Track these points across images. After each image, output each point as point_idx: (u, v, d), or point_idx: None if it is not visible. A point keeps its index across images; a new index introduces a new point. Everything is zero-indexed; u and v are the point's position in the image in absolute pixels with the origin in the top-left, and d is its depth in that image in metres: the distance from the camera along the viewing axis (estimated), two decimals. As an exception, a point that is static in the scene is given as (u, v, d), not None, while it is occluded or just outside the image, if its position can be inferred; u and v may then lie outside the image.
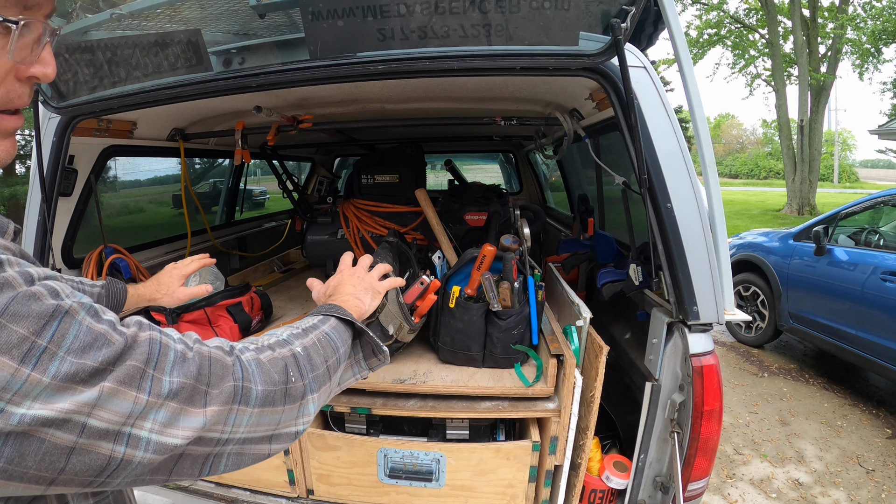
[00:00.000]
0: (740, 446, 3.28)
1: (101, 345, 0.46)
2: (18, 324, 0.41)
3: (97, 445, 0.45)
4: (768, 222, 13.03)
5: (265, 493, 1.60)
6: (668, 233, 1.28)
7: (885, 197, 3.93)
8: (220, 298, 1.76)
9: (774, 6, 14.76)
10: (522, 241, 1.75)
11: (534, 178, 4.37)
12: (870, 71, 16.79)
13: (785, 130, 14.93)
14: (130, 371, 0.47)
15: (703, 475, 1.35)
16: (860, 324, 3.59)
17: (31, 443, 0.42)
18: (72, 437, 0.43)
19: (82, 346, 0.45)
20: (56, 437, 0.43)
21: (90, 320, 0.47)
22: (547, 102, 2.00)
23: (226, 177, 3.59)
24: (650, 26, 1.55)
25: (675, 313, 1.33)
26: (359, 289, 0.96)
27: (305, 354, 0.65)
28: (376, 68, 1.27)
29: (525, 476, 1.45)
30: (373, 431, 1.61)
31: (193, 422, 0.51)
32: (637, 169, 1.28)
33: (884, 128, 13.35)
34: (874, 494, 2.80)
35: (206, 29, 1.30)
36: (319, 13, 1.15)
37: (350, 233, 2.62)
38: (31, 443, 0.42)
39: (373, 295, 0.98)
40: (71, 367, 0.43)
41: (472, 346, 1.60)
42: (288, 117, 2.04)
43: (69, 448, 0.43)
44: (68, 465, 0.44)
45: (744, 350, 4.85)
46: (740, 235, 5.25)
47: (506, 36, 1.15)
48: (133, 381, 0.47)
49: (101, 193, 2.11)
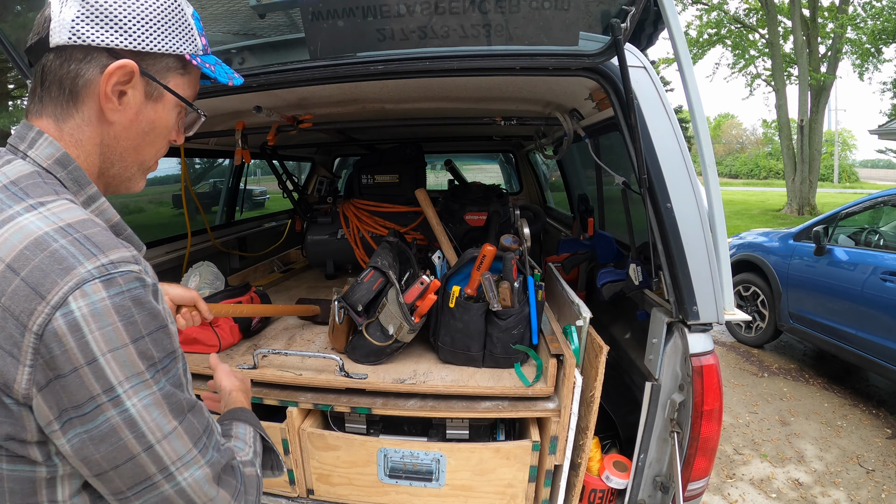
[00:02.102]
0: (740, 446, 3.28)
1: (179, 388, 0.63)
2: (156, 347, 0.59)
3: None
4: (768, 222, 13.02)
5: (265, 493, 1.60)
6: (668, 233, 1.28)
7: (885, 197, 3.92)
8: (220, 298, 1.76)
9: (774, 6, 14.76)
10: (522, 241, 1.75)
11: (534, 178, 4.37)
12: (870, 71, 16.77)
13: (785, 130, 14.92)
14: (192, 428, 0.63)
15: (703, 475, 1.35)
16: (860, 324, 3.59)
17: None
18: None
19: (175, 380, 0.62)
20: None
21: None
22: (547, 102, 2.00)
23: (226, 177, 3.59)
24: (650, 26, 1.55)
25: (674, 313, 1.33)
26: (238, 385, 1.05)
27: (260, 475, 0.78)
28: (376, 68, 1.27)
29: (525, 476, 1.45)
30: (373, 431, 1.61)
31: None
32: (637, 169, 1.28)
33: (884, 128, 13.36)
34: (874, 494, 2.80)
35: (206, 29, 1.29)
36: (319, 13, 1.15)
37: (350, 233, 2.62)
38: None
39: (244, 387, 1.07)
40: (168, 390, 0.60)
41: (472, 346, 1.60)
42: (288, 117, 2.04)
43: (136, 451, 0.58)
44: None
45: (744, 350, 4.85)
46: (740, 235, 5.25)
47: (506, 36, 1.15)
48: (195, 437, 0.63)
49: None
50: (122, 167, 0.72)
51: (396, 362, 1.67)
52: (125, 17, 0.65)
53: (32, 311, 0.53)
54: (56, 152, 0.65)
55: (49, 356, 0.53)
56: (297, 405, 1.51)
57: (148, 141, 0.72)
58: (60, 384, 0.53)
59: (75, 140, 0.67)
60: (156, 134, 0.73)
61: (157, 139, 0.74)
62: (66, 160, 0.65)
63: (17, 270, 0.54)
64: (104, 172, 0.71)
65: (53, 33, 0.63)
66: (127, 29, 0.65)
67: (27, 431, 0.55)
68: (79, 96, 0.65)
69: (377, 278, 1.66)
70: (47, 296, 0.53)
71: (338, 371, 1.53)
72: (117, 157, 0.71)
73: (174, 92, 0.71)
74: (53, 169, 0.64)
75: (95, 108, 0.66)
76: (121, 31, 0.65)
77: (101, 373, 0.54)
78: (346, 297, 1.65)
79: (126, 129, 0.69)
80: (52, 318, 0.52)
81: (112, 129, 0.68)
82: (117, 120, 0.68)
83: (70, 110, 0.66)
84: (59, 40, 0.63)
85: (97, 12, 0.63)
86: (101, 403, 0.54)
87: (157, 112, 0.71)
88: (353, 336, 1.69)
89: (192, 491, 0.60)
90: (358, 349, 1.64)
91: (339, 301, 1.64)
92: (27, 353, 0.53)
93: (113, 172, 0.72)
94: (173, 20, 0.69)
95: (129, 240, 0.69)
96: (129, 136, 0.70)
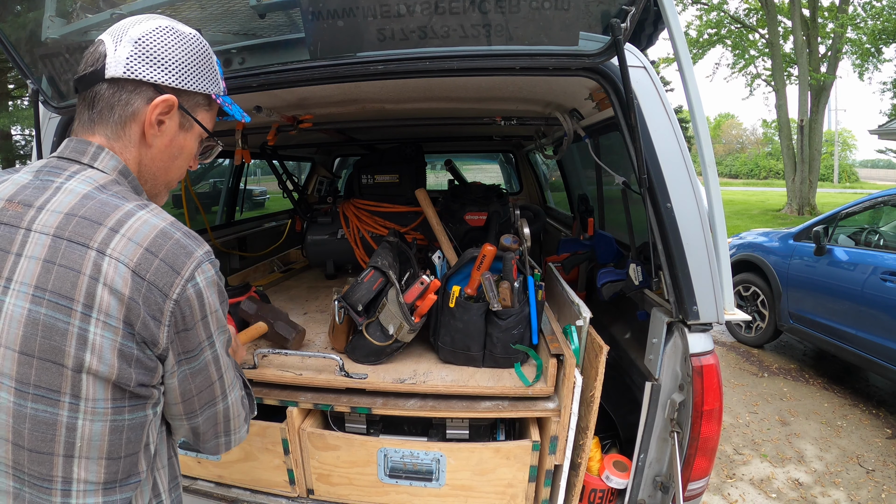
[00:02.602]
0: (740, 446, 3.28)
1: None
2: (224, 309, 0.80)
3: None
4: (768, 222, 13.02)
5: (265, 493, 1.60)
6: (667, 233, 1.28)
7: (885, 197, 3.92)
8: (221, 298, 1.76)
9: (774, 6, 14.75)
10: (522, 240, 1.75)
11: (534, 178, 4.37)
12: (870, 71, 16.78)
13: (785, 130, 14.92)
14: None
15: (702, 475, 1.35)
16: (860, 324, 3.58)
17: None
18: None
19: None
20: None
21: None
22: (547, 102, 2.00)
23: (226, 177, 3.59)
24: (650, 26, 1.55)
25: (674, 313, 1.33)
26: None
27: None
28: (376, 68, 1.27)
29: (525, 476, 1.45)
30: (373, 431, 1.61)
31: None
32: (637, 169, 1.28)
33: (884, 128, 13.35)
34: (874, 494, 2.80)
35: (206, 29, 1.29)
36: (319, 13, 1.15)
37: (350, 233, 2.62)
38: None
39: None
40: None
41: (472, 346, 1.60)
42: (288, 117, 2.04)
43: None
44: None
45: (744, 350, 4.85)
46: (740, 235, 5.25)
47: (506, 36, 1.15)
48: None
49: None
50: (154, 185, 0.85)
51: (396, 362, 1.67)
52: (169, 59, 0.78)
53: (172, 283, 0.69)
54: (119, 164, 0.77)
55: (181, 315, 0.71)
56: (297, 405, 1.51)
57: (176, 164, 0.86)
58: (185, 335, 0.72)
59: (123, 157, 0.79)
60: (182, 159, 0.87)
61: (182, 163, 0.87)
62: (127, 171, 0.78)
63: (155, 253, 0.69)
64: (138, 189, 0.83)
65: (109, 67, 0.76)
66: (170, 69, 0.78)
67: (155, 376, 0.71)
68: (127, 121, 0.78)
69: (377, 278, 1.66)
70: (182, 271, 0.70)
71: (338, 371, 1.53)
72: (150, 176, 0.83)
73: (201, 124, 0.85)
74: (119, 179, 0.77)
75: (139, 132, 0.79)
76: (165, 70, 0.78)
77: (207, 326, 0.75)
78: (346, 296, 1.65)
79: (161, 152, 0.82)
80: (185, 287, 0.70)
81: (150, 152, 0.81)
82: (155, 144, 0.81)
83: (119, 132, 0.78)
84: (115, 73, 0.76)
85: (147, 53, 0.77)
86: (203, 346, 0.75)
87: (186, 140, 0.85)
88: (353, 336, 1.70)
89: (233, 408, 0.85)
90: (358, 349, 1.64)
91: (339, 301, 1.64)
92: (167, 316, 0.69)
93: (146, 189, 0.84)
94: (205, 65, 0.84)
95: None
96: (163, 159, 0.83)
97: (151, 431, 0.74)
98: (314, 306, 2.25)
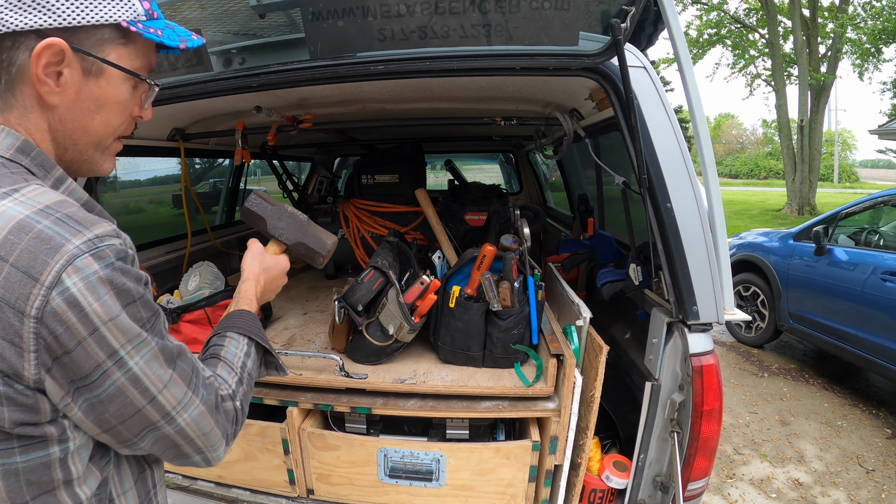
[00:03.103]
0: (740, 446, 3.28)
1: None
2: (145, 308, 0.61)
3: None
4: (768, 222, 13.02)
5: (265, 493, 1.60)
6: (667, 233, 1.28)
7: (885, 197, 3.92)
8: (220, 298, 1.76)
9: (774, 6, 14.75)
10: (522, 240, 1.75)
11: (534, 178, 4.37)
12: (870, 71, 16.79)
13: (785, 130, 14.92)
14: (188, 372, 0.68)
15: (702, 475, 1.35)
16: (860, 324, 3.59)
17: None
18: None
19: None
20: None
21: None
22: (547, 102, 2.00)
23: (226, 177, 3.59)
24: (650, 26, 1.55)
25: (674, 313, 1.33)
26: (257, 269, 1.05)
27: (242, 404, 0.80)
28: (376, 68, 1.27)
29: (525, 476, 1.45)
30: (373, 431, 1.61)
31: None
32: (637, 169, 1.28)
33: (884, 128, 13.35)
34: (874, 494, 2.80)
35: (206, 29, 1.30)
36: (319, 13, 1.15)
37: (350, 233, 2.62)
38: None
39: (269, 273, 1.06)
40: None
41: (472, 346, 1.60)
42: (288, 117, 2.04)
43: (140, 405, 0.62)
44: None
45: (744, 350, 4.85)
46: (740, 235, 5.25)
47: (506, 36, 1.15)
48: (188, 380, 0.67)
49: (102, 193, 2.11)
50: (77, 150, 0.70)
51: (396, 362, 1.67)
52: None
53: (28, 296, 0.53)
54: (16, 141, 0.64)
55: (52, 336, 0.54)
56: (297, 405, 1.51)
57: (99, 120, 0.69)
58: (67, 359, 0.55)
59: (24, 129, 0.65)
60: (106, 111, 0.69)
61: (109, 117, 0.70)
62: (28, 147, 0.64)
63: (4, 257, 0.53)
64: (60, 157, 0.69)
65: None
66: (50, 7, 0.62)
67: (41, 413, 0.57)
68: (15, 85, 0.64)
69: (377, 278, 1.66)
70: (40, 277, 0.53)
71: (338, 371, 1.53)
72: (68, 141, 0.69)
73: (114, 64, 0.67)
74: (17, 158, 0.63)
75: (33, 94, 0.64)
76: (43, 10, 0.62)
77: (104, 341, 0.56)
78: (346, 296, 1.65)
79: (69, 110, 0.67)
80: (48, 298, 0.53)
81: (56, 113, 0.66)
82: (58, 102, 0.66)
83: (10, 100, 0.64)
84: None
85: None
86: (106, 369, 0.57)
87: (102, 88, 0.68)
88: (353, 336, 1.70)
89: (190, 428, 0.67)
90: (358, 349, 1.64)
91: (339, 301, 1.64)
92: (29, 340, 0.53)
93: (69, 157, 0.70)
94: None
95: (101, 216, 0.68)
96: (75, 118, 0.67)
97: (72, 466, 0.61)
98: (314, 306, 2.25)
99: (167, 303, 1.75)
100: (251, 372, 0.85)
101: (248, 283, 1.00)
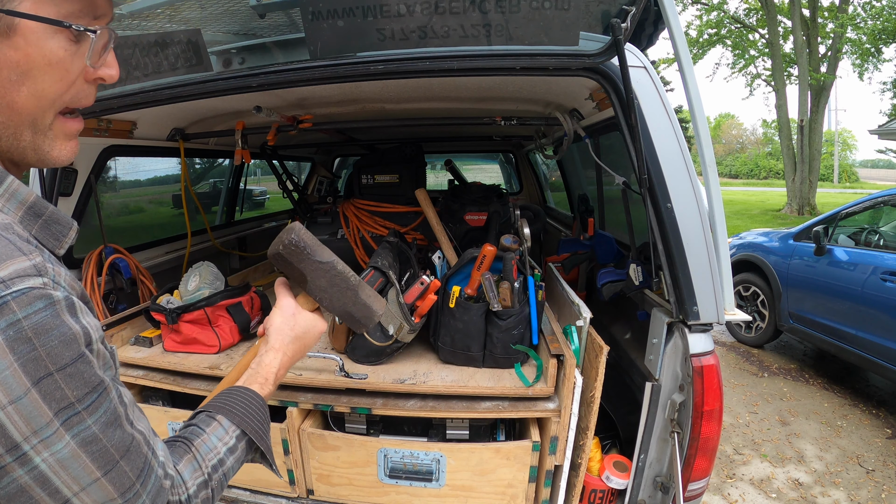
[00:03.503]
0: (740, 446, 3.28)
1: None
2: (72, 384, 0.47)
3: None
4: (768, 222, 13.02)
5: (265, 493, 1.60)
6: (668, 233, 1.28)
7: (885, 197, 3.93)
8: (220, 298, 1.76)
9: (774, 6, 14.76)
10: (522, 241, 1.75)
11: (534, 178, 4.37)
12: (870, 71, 16.80)
13: (785, 130, 14.92)
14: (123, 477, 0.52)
15: (703, 475, 1.35)
16: (860, 324, 3.59)
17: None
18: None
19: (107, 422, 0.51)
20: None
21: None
22: (547, 102, 2.00)
23: (226, 177, 3.59)
24: (650, 26, 1.54)
25: (675, 313, 1.33)
26: (287, 337, 0.86)
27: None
28: (376, 68, 1.27)
29: (525, 476, 1.45)
30: (373, 431, 1.61)
31: None
32: (637, 169, 1.28)
33: (884, 128, 13.35)
34: (874, 494, 2.80)
35: (206, 29, 1.30)
36: (319, 13, 1.15)
37: (350, 233, 2.62)
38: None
39: (302, 342, 0.88)
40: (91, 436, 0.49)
41: (472, 346, 1.60)
42: (288, 117, 2.04)
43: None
44: None
45: (744, 350, 4.85)
46: (740, 235, 5.25)
47: (506, 36, 1.15)
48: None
49: (101, 193, 2.11)
50: (9, 136, 0.54)
51: (396, 362, 1.67)
52: None
53: None
54: None
55: None
56: (297, 405, 1.50)
57: (26, 92, 0.52)
58: None
59: None
60: (33, 80, 0.53)
61: (40, 86, 0.53)
62: None
63: None
64: None
65: None
66: None
67: None
68: None
69: (377, 278, 1.65)
70: None
71: (338, 371, 1.53)
72: None
73: (28, 14, 0.50)
74: None
75: None
76: None
77: (2, 428, 0.43)
78: (346, 297, 1.64)
79: None
80: None
81: None
82: None
83: None
84: None
85: None
86: (5, 465, 0.44)
87: (20, 49, 0.51)
88: (353, 336, 1.69)
89: None
90: (358, 349, 1.64)
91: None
92: None
93: (3, 146, 0.54)
94: None
95: (50, 222, 0.55)
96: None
97: None
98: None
99: (167, 303, 1.75)
100: (228, 471, 0.69)
101: (271, 356, 0.82)
